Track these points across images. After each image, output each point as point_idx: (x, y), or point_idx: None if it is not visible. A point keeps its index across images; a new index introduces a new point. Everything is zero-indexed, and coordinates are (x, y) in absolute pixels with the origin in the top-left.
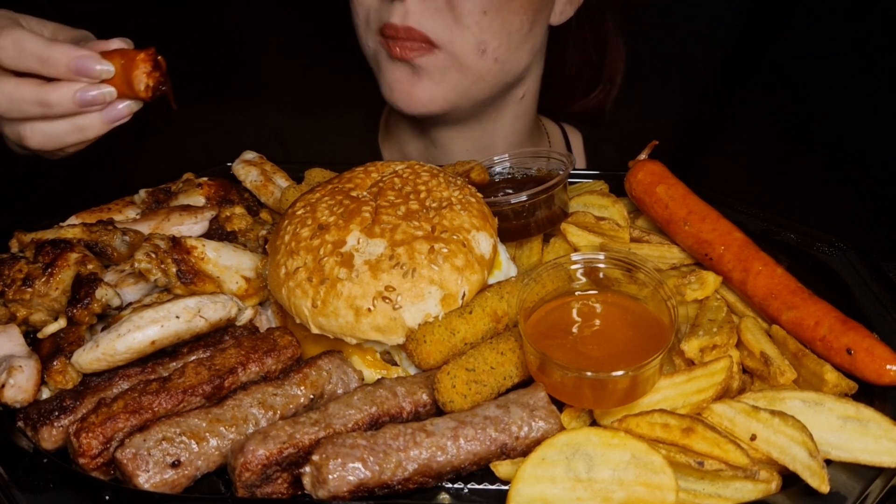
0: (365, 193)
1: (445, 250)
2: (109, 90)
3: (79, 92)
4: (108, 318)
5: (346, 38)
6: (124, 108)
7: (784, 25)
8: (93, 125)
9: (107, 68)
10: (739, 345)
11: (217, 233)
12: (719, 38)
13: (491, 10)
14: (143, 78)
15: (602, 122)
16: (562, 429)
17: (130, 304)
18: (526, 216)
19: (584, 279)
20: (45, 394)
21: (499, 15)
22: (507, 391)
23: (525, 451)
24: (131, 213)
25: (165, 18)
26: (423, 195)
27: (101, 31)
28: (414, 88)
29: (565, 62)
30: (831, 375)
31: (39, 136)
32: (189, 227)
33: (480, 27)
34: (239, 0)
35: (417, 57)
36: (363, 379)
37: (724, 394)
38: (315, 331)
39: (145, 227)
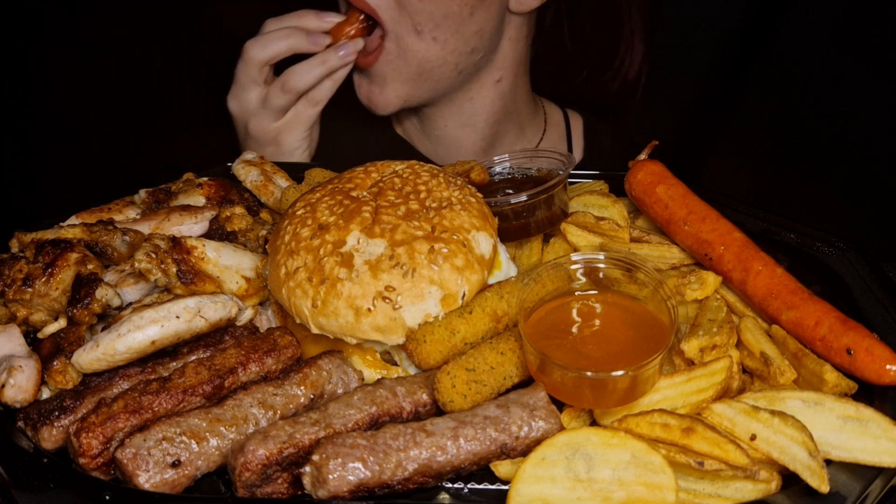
0: (365, 193)
1: (445, 250)
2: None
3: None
4: (108, 318)
5: None
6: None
7: (783, 25)
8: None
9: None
10: (739, 345)
11: (217, 233)
12: (719, 37)
13: None
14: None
15: (610, 111)
16: (562, 429)
17: (130, 304)
18: (526, 216)
19: (584, 279)
20: (45, 394)
21: None
22: (507, 391)
23: (525, 451)
24: (131, 213)
25: (166, 20)
26: (423, 195)
27: (107, 31)
28: (371, 95)
29: (558, 47)
30: (831, 375)
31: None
32: (189, 227)
33: (416, 9)
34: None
35: (370, 65)
36: (363, 379)
37: (724, 394)
38: (315, 331)
39: (145, 227)
